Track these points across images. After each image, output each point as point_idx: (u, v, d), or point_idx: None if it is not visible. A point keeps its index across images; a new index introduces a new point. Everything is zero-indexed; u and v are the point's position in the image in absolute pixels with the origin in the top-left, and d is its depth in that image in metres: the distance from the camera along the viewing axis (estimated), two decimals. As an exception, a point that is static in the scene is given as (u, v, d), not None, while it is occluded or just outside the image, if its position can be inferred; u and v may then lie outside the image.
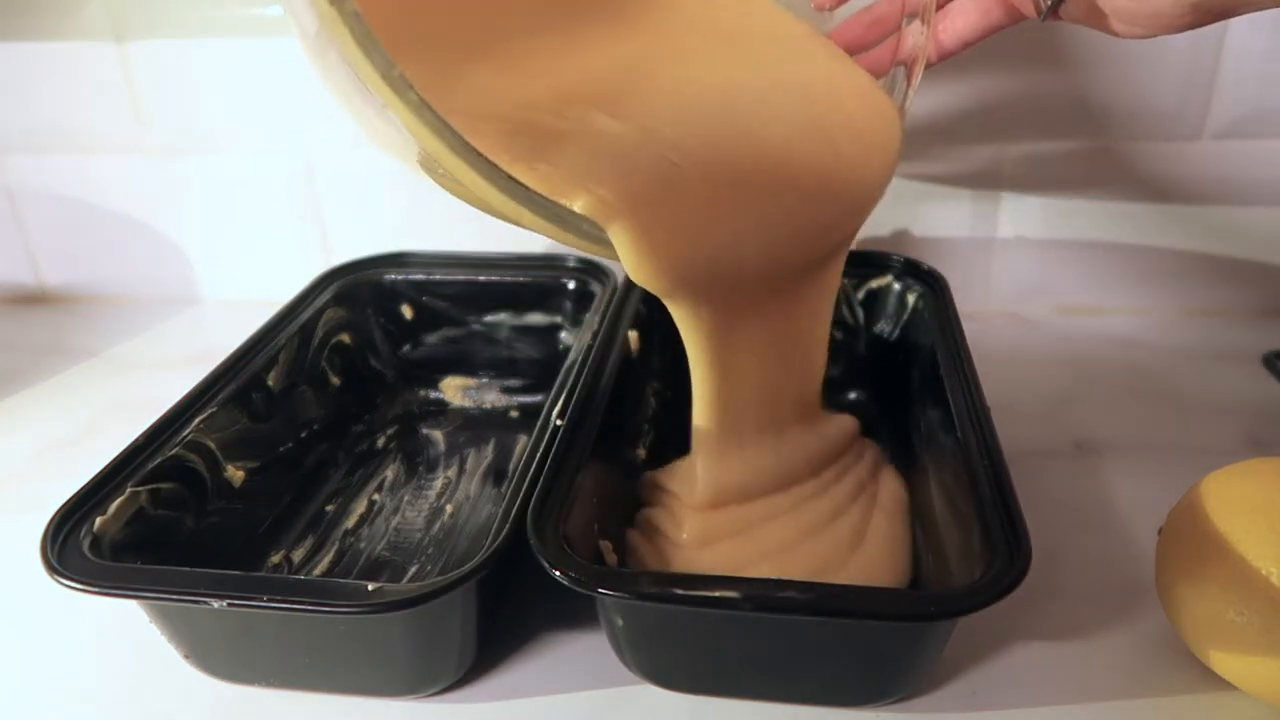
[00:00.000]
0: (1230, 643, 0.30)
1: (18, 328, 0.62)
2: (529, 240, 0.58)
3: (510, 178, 0.26)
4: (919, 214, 0.56)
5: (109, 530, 0.33)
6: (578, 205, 0.28)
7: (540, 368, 0.50)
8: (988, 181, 0.55)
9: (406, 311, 0.50)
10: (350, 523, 0.42)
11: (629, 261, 0.29)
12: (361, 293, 0.49)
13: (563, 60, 0.32)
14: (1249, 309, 0.57)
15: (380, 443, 0.47)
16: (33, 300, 0.65)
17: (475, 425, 0.49)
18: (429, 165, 0.28)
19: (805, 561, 0.35)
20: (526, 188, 0.27)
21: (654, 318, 0.46)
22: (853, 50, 0.38)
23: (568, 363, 0.41)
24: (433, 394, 0.51)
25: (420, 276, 0.50)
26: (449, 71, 0.29)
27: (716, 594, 0.28)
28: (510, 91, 0.30)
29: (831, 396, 0.47)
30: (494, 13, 0.32)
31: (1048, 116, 0.53)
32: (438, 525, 0.42)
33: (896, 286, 0.46)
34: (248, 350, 0.43)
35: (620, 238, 0.28)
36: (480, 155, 0.25)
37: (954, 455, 0.34)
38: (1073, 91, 0.52)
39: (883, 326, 0.47)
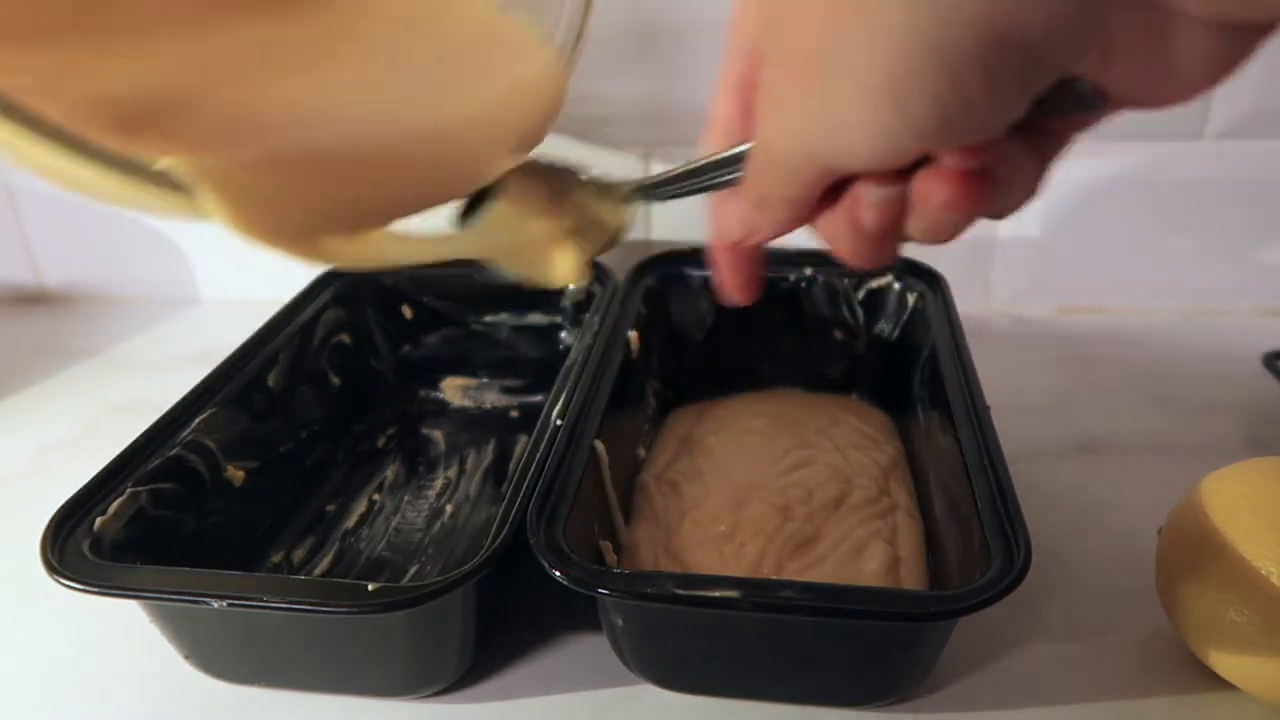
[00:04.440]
0: (1230, 643, 0.30)
1: (18, 328, 0.62)
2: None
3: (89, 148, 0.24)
4: (919, 214, 0.56)
5: (109, 530, 0.33)
6: (164, 164, 0.24)
7: (540, 368, 0.50)
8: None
9: (406, 311, 0.50)
10: (350, 523, 0.42)
11: (223, 220, 0.26)
12: (361, 293, 0.49)
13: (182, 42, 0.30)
14: (1249, 309, 0.57)
15: (380, 443, 0.47)
16: (33, 300, 0.65)
17: (475, 425, 0.49)
18: None
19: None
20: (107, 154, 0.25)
21: (654, 318, 0.46)
22: None
23: (568, 363, 0.41)
24: (433, 394, 0.51)
25: (420, 276, 0.50)
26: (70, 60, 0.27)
27: (716, 594, 0.28)
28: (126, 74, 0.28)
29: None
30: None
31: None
32: (438, 525, 0.42)
33: (896, 286, 0.46)
34: (248, 350, 0.43)
35: (211, 205, 0.26)
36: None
37: (954, 455, 0.34)
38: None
39: (883, 326, 0.47)
